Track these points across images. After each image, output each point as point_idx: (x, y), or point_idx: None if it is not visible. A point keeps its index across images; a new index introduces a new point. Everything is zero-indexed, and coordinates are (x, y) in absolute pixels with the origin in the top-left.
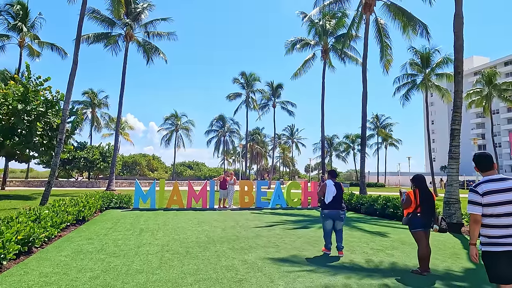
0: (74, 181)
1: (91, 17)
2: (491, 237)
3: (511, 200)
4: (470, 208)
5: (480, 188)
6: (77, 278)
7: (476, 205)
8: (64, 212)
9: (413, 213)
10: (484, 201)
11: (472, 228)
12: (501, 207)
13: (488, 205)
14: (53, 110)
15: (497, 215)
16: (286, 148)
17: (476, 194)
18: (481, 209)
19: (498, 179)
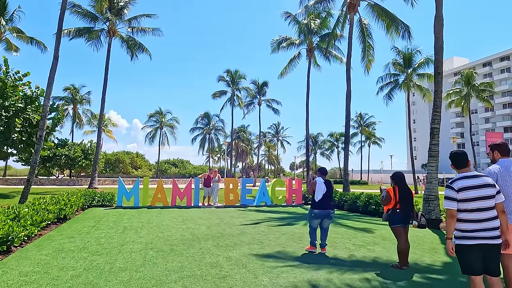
0: (54, 179)
1: (72, 11)
2: (464, 231)
3: (483, 196)
4: (446, 203)
5: (455, 185)
6: (58, 277)
7: (452, 201)
8: (45, 211)
9: (393, 209)
10: (459, 197)
11: (448, 222)
12: (474, 203)
13: (463, 200)
14: (33, 106)
15: (470, 210)
16: (271, 146)
17: (452, 190)
18: (457, 204)
19: (472, 176)
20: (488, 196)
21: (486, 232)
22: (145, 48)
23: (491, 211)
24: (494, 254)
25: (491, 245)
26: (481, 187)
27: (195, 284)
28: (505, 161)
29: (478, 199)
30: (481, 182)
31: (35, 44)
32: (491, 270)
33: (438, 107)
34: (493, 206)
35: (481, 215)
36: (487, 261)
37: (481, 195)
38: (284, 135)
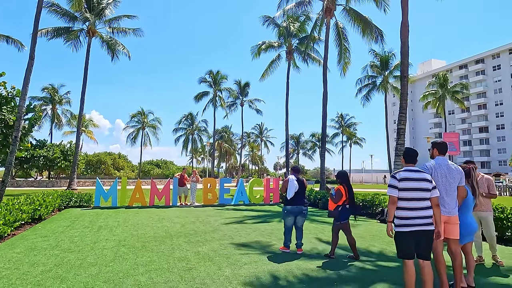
0: (33, 180)
1: (50, 10)
2: (402, 219)
3: (420, 188)
4: (388, 190)
5: (398, 175)
6: (29, 272)
7: (394, 188)
8: (18, 211)
9: (343, 205)
10: (400, 186)
11: (389, 207)
12: (411, 192)
13: (403, 189)
14: (8, 107)
15: (407, 199)
16: (255, 146)
17: (395, 179)
18: (398, 192)
19: (414, 170)
20: (424, 188)
21: (420, 219)
22: (124, 47)
23: (425, 201)
24: (426, 240)
25: (423, 231)
26: (420, 180)
27: (161, 276)
28: (440, 159)
29: (415, 189)
30: (420, 176)
31: (11, 43)
32: (423, 254)
33: (404, 108)
34: (427, 197)
35: (416, 204)
36: (419, 247)
37: (418, 187)
38: (268, 136)
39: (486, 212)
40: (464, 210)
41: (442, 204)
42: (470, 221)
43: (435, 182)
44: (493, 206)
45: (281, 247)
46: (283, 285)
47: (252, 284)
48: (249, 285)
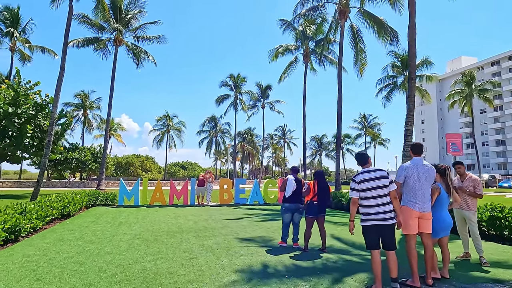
0: (66, 181)
1: (80, 21)
2: (365, 214)
3: (377, 186)
4: (350, 193)
5: (357, 178)
6: (54, 257)
7: (354, 191)
8: (49, 207)
9: (310, 201)
10: (359, 187)
11: (351, 208)
12: (370, 192)
13: (362, 190)
14: (43, 113)
15: (367, 198)
16: (278, 148)
17: (354, 182)
18: (358, 193)
19: (370, 171)
20: (381, 186)
21: (381, 215)
22: (149, 55)
23: (385, 198)
24: (388, 232)
25: (384, 225)
26: (376, 179)
27: (165, 263)
28: (416, 159)
29: (374, 188)
30: (376, 175)
31: (46, 53)
32: (386, 245)
33: (411, 110)
34: (386, 194)
35: (376, 201)
36: (383, 238)
37: (375, 186)
38: (291, 137)
39: (469, 212)
40: (438, 207)
41: (416, 201)
42: (444, 217)
43: (411, 180)
44: (494, 205)
45: (279, 241)
46: (270, 273)
47: (243, 271)
48: (241, 271)
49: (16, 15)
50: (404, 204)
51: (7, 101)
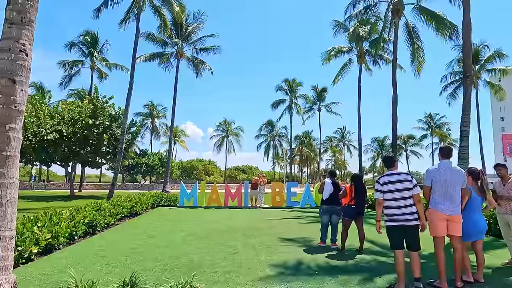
0: (137, 184)
1: (147, 39)
2: (388, 216)
3: (400, 189)
4: (375, 194)
5: (381, 180)
6: (122, 248)
7: (378, 192)
8: (120, 206)
9: (348, 204)
10: (383, 189)
11: (376, 208)
12: (393, 194)
13: (386, 192)
14: (116, 123)
15: (391, 199)
16: (337, 150)
17: (378, 184)
18: (382, 194)
19: (394, 173)
20: (404, 188)
21: (404, 216)
22: (206, 64)
23: (408, 200)
24: (411, 233)
25: (408, 226)
26: (399, 182)
27: (210, 256)
28: (443, 163)
29: (397, 191)
30: (400, 178)
31: (119, 69)
32: (410, 245)
33: (467, 110)
34: (408, 196)
35: (399, 203)
36: (407, 239)
37: (399, 188)
38: (350, 139)
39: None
40: (470, 210)
41: (443, 204)
42: (476, 220)
43: (437, 184)
44: None
45: (319, 242)
46: (301, 269)
47: (278, 266)
48: (275, 266)
49: (95, 38)
50: (431, 207)
51: (88, 114)
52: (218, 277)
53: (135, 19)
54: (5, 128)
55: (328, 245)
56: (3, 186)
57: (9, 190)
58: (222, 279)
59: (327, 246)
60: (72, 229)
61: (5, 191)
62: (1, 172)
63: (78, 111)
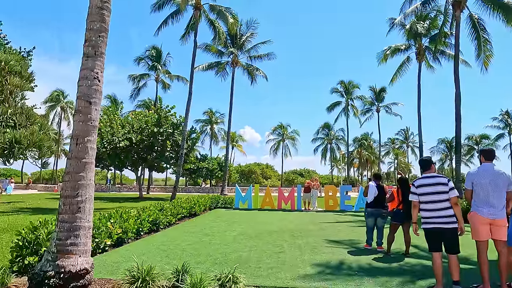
0: (199, 187)
1: (204, 50)
2: (425, 218)
3: (435, 192)
4: (410, 196)
5: (416, 183)
6: (180, 244)
7: (414, 195)
8: (180, 207)
9: (397, 208)
10: (418, 192)
11: (412, 211)
12: (428, 196)
13: (421, 194)
14: (178, 131)
15: (426, 202)
16: (400, 153)
17: (413, 187)
18: (418, 197)
19: (430, 176)
20: (440, 191)
21: (440, 218)
22: (260, 71)
23: (443, 203)
24: (449, 236)
25: (445, 229)
26: (435, 185)
27: (258, 253)
28: (484, 165)
29: (432, 193)
30: (435, 181)
31: (180, 80)
32: (448, 248)
33: None
34: (445, 199)
35: (435, 206)
36: (445, 242)
37: (434, 191)
38: (414, 141)
39: None
40: None
41: (484, 207)
42: None
43: (478, 187)
44: None
45: (365, 244)
46: (342, 268)
47: (319, 265)
48: (317, 265)
49: (159, 52)
50: (472, 210)
51: (153, 122)
52: (261, 272)
53: (193, 33)
54: (84, 140)
55: (374, 248)
56: (83, 186)
57: (87, 189)
58: (264, 274)
59: (373, 248)
60: (139, 225)
61: (85, 190)
62: (81, 176)
63: (145, 120)
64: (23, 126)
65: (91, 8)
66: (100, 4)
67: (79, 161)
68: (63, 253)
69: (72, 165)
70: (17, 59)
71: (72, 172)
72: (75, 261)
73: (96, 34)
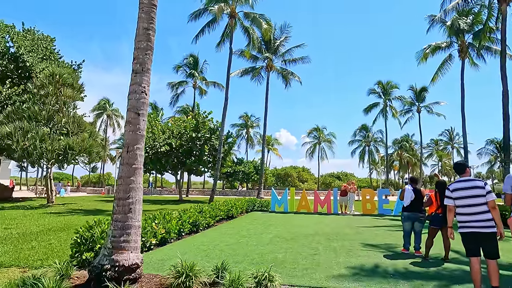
0: (235, 190)
1: (239, 56)
2: (461, 222)
3: (471, 195)
4: (445, 200)
5: (451, 186)
6: (218, 244)
7: (449, 199)
8: (218, 209)
9: (435, 212)
10: (453, 196)
11: (447, 215)
12: (464, 200)
13: (456, 198)
14: (215, 135)
15: (462, 206)
16: (444, 154)
17: (448, 191)
18: (453, 201)
19: (465, 180)
20: (476, 195)
21: (477, 223)
22: (295, 75)
23: (480, 206)
24: (487, 240)
25: (482, 233)
26: (470, 188)
27: (292, 255)
28: None
29: (468, 197)
30: (470, 185)
31: (216, 86)
32: (486, 253)
33: None
34: (482, 203)
35: (471, 210)
36: (483, 246)
37: (470, 194)
38: (460, 142)
39: None
40: None
41: None
42: None
43: None
44: None
45: (402, 249)
46: (377, 272)
47: (354, 268)
48: (351, 268)
49: (196, 59)
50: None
51: (191, 128)
52: (296, 272)
53: (228, 40)
54: (134, 148)
55: (411, 252)
56: (134, 189)
57: (137, 192)
58: (299, 274)
59: (410, 253)
60: (180, 226)
61: (135, 193)
62: (132, 180)
63: (183, 126)
64: (75, 134)
65: (138, 29)
66: (147, 26)
67: (130, 166)
68: (117, 249)
69: (124, 170)
70: (69, 72)
71: (124, 176)
72: (128, 256)
73: (143, 52)
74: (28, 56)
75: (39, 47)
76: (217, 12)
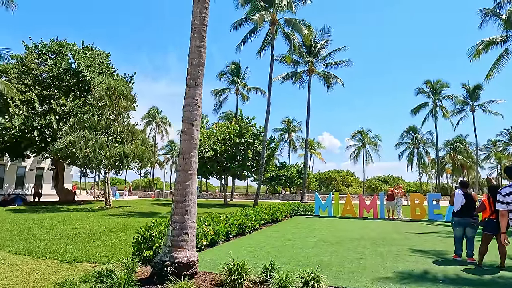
0: (278, 194)
1: (281, 61)
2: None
3: None
4: (497, 205)
5: (503, 191)
6: (264, 246)
7: (501, 203)
8: (263, 213)
9: (489, 218)
10: (505, 200)
11: (500, 220)
12: None
13: (509, 203)
14: (258, 141)
15: None
16: (504, 156)
17: (500, 195)
18: (505, 206)
19: None
20: None
21: None
22: (338, 78)
23: None
24: None
25: None
26: None
27: (338, 258)
28: None
29: None
30: None
31: (258, 92)
32: None
33: None
34: None
35: None
36: None
37: None
38: None
39: None
40: None
41: None
42: None
43: None
44: None
45: (454, 255)
46: (426, 277)
47: (401, 273)
48: (398, 272)
49: (238, 66)
50: None
51: (235, 133)
52: (342, 275)
53: (269, 47)
54: (189, 156)
55: (463, 259)
56: (190, 193)
57: (192, 196)
58: (345, 277)
59: (463, 260)
60: (228, 229)
61: (190, 196)
62: (187, 184)
63: (227, 132)
64: (129, 141)
65: (191, 47)
66: (198, 44)
67: (185, 172)
68: (176, 247)
69: (180, 176)
70: (123, 84)
71: (181, 181)
72: (185, 254)
73: (196, 68)
74: (88, 71)
75: (96, 62)
76: (258, 20)
